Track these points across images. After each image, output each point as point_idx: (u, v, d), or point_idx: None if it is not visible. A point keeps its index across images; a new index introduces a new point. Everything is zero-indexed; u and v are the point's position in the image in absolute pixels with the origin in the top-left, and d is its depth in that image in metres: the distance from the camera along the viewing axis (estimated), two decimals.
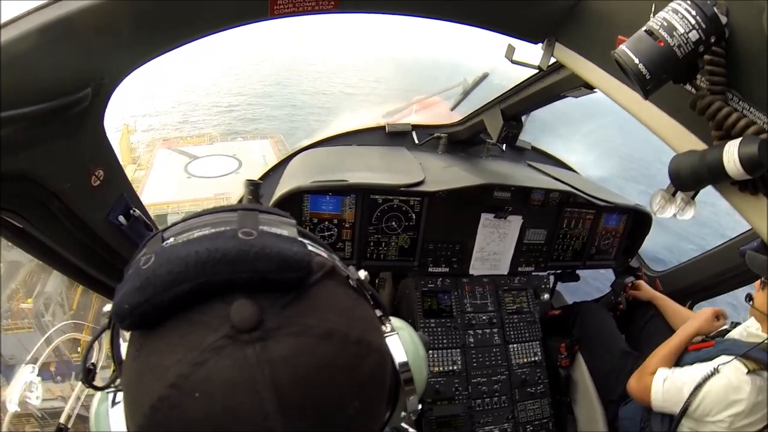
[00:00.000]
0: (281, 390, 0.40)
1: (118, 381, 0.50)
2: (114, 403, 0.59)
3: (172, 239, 0.47)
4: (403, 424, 0.90)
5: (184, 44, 1.14)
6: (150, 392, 0.41)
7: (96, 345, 0.64)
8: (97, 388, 0.63)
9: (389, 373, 0.53)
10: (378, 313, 0.62)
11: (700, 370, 1.84)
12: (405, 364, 0.65)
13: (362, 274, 0.56)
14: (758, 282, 1.93)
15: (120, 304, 0.42)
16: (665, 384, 1.90)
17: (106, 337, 0.56)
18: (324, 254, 0.53)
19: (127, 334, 0.48)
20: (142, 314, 0.42)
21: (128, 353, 0.46)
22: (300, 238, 0.50)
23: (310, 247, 0.51)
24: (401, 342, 0.65)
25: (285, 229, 0.49)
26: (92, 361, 0.63)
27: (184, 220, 0.52)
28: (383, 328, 0.63)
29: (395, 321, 0.69)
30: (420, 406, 0.71)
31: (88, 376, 0.62)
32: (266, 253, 0.43)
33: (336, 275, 0.51)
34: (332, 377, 0.43)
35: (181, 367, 0.40)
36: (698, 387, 1.79)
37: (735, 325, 2.22)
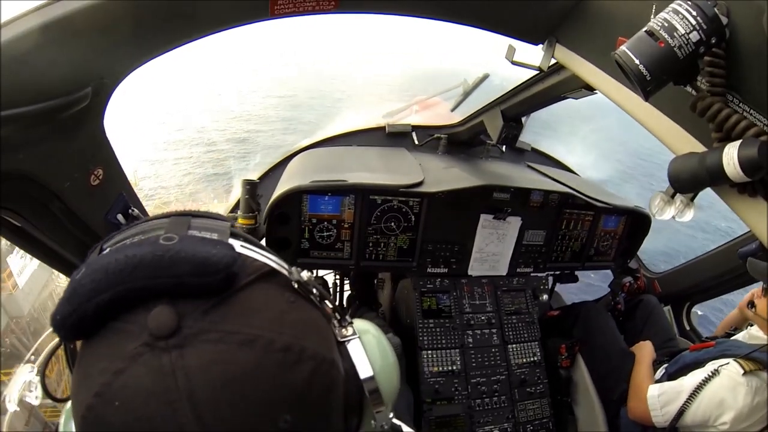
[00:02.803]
0: (197, 400, 0.38)
1: None
2: None
3: (107, 250, 0.47)
4: (396, 421, 0.89)
5: (184, 44, 1.14)
6: (81, 402, 0.41)
7: None
8: (57, 400, 0.64)
9: (337, 382, 0.50)
10: (338, 316, 0.59)
11: (696, 376, 1.84)
12: (368, 373, 0.59)
13: (305, 275, 0.53)
14: (759, 288, 1.94)
15: (54, 315, 0.42)
16: (661, 398, 1.91)
17: None
18: (262, 257, 0.51)
19: None
20: (72, 325, 0.42)
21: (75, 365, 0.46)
22: (231, 240, 0.48)
23: (244, 250, 0.49)
24: (365, 347, 0.59)
25: (215, 233, 0.48)
26: None
27: (121, 232, 0.52)
28: (343, 331, 0.59)
29: (360, 323, 0.64)
30: (392, 415, 0.65)
31: (47, 387, 0.63)
32: (182, 256, 0.42)
33: (274, 278, 0.49)
34: (254, 387, 0.41)
35: (104, 376, 0.40)
36: (697, 390, 1.79)
37: (736, 330, 2.23)
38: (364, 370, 0.58)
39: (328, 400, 0.48)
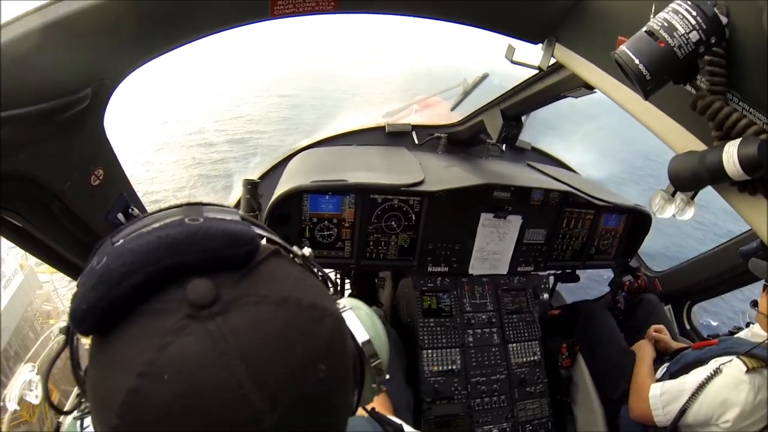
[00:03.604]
0: (249, 357, 0.40)
1: (84, 405, 0.51)
2: (83, 428, 0.59)
3: (121, 240, 0.47)
4: (396, 420, 0.89)
5: (185, 44, 1.14)
6: (118, 390, 0.40)
7: None
8: (61, 412, 0.63)
9: (348, 338, 0.55)
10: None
11: (699, 374, 1.84)
12: (367, 340, 0.67)
13: (307, 251, 0.59)
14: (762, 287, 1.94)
15: (77, 306, 0.42)
16: (663, 397, 1.91)
17: None
18: (270, 237, 0.57)
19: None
20: (101, 312, 0.42)
21: (89, 362, 0.46)
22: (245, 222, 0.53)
23: (255, 229, 0.54)
24: (359, 319, 0.67)
25: (228, 215, 0.53)
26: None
27: (131, 224, 0.53)
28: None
29: (350, 300, 0.70)
30: (387, 376, 0.71)
31: (50, 397, 0.65)
32: (212, 232, 0.45)
33: (282, 255, 0.53)
34: (294, 340, 0.44)
35: (146, 355, 0.40)
36: (700, 389, 1.79)
37: (738, 329, 2.23)
38: (362, 337, 0.65)
39: (347, 353, 0.52)
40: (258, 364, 0.41)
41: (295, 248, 0.58)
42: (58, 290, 12.41)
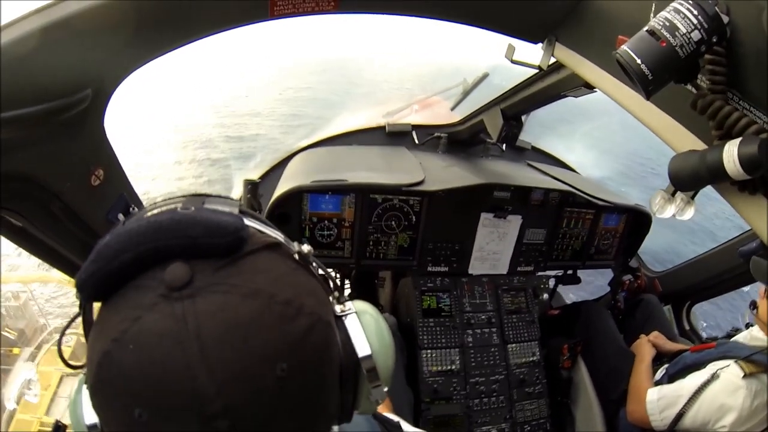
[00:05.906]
0: (204, 342, 0.43)
1: None
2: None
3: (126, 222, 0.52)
4: (394, 417, 0.88)
5: (184, 45, 1.14)
6: (98, 350, 0.46)
7: None
8: (73, 367, 0.68)
9: (332, 343, 0.54)
10: (336, 293, 0.63)
11: (696, 379, 1.84)
12: (365, 350, 0.61)
13: (306, 248, 0.57)
14: (762, 289, 1.93)
15: (79, 275, 0.48)
16: (660, 402, 1.91)
17: None
18: (268, 231, 0.57)
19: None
20: (96, 282, 0.47)
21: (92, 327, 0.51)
22: (239, 215, 0.54)
23: (252, 224, 0.55)
24: (363, 326, 0.62)
25: (227, 207, 0.55)
26: None
27: (142, 210, 0.57)
28: (341, 307, 0.62)
29: (359, 304, 0.66)
30: (386, 389, 0.67)
31: (62, 354, 0.70)
32: (197, 220, 0.48)
33: (278, 249, 0.54)
34: (254, 334, 0.45)
35: (121, 324, 0.45)
36: (697, 394, 1.79)
37: (737, 330, 2.23)
38: (361, 347, 0.60)
39: (322, 357, 0.52)
40: (211, 349, 0.43)
41: (294, 244, 0.58)
42: (38, 300, 9.57)
